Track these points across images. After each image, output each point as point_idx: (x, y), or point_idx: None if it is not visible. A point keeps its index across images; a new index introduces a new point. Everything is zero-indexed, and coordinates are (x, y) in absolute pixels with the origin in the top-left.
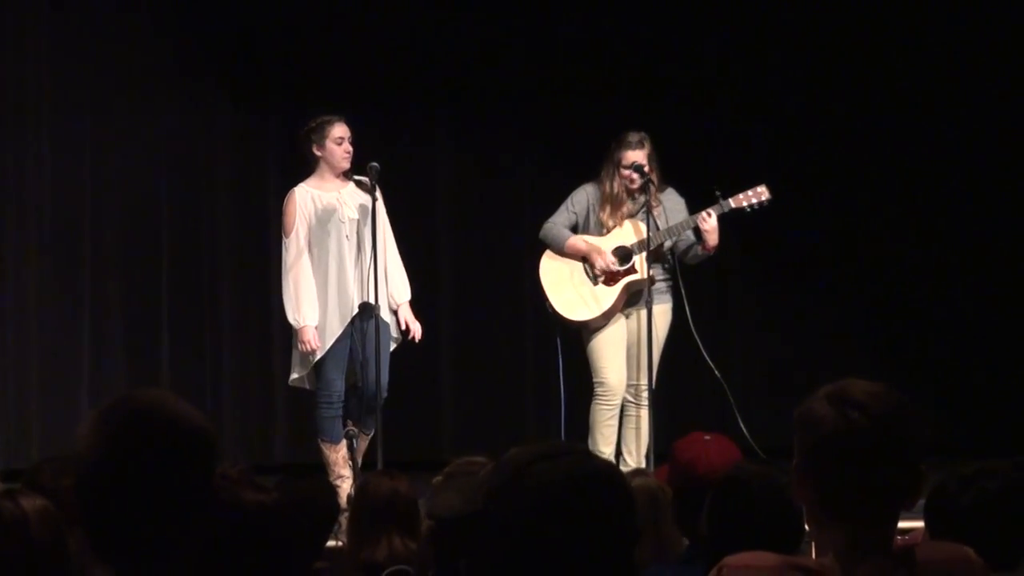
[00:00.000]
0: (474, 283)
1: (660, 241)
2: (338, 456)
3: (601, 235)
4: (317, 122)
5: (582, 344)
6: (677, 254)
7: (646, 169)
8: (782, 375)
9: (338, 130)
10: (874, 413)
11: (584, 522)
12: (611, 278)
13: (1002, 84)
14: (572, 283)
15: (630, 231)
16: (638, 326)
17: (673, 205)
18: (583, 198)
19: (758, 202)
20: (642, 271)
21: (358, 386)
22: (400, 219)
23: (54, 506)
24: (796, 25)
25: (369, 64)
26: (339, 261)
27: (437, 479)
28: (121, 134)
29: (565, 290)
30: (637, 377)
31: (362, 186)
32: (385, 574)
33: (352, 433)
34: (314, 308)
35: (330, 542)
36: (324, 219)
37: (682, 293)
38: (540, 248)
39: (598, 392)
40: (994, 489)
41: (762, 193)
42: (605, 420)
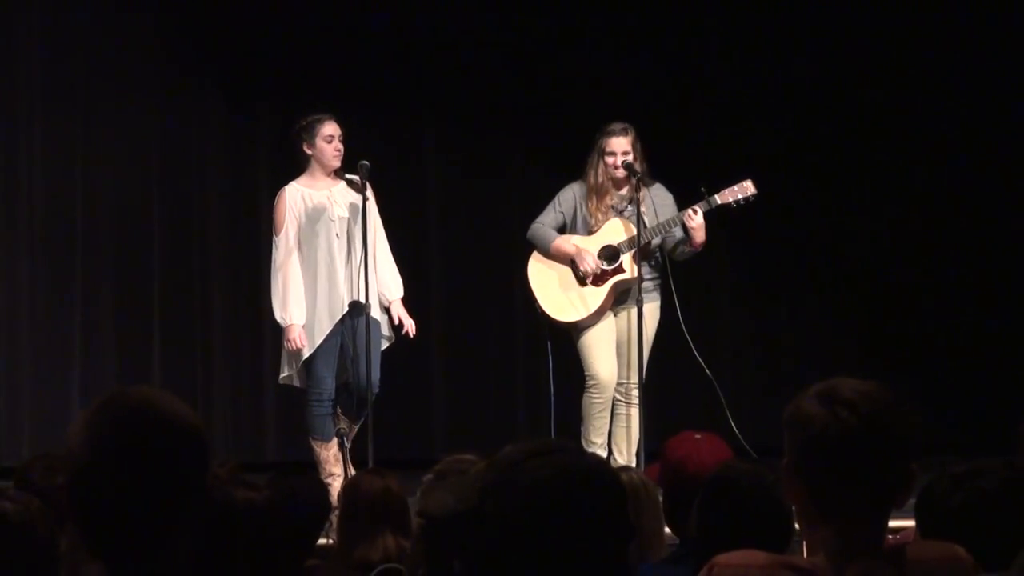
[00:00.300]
0: (464, 281)
1: (648, 239)
2: (329, 454)
3: (588, 234)
4: (307, 121)
5: (572, 343)
6: (665, 251)
7: (631, 158)
8: (773, 373)
9: (328, 128)
10: (864, 412)
11: (577, 519)
12: (599, 278)
13: (998, 78)
14: (560, 285)
15: (617, 230)
16: (629, 324)
17: (661, 201)
18: (570, 196)
19: (744, 197)
20: (630, 270)
21: (349, 383)
22: (390, 218)
23: (44, 504)
24: (782, 20)
25: (358, 64)
26: (328, 260)
27: (428, 477)
28: (112, 134)
29: (553, 292)
30: (627, 376)
31: (353, 185)
32: (375, 573)
33: (343, 431)
34: (301, 307)
35: (321, 540)
36: (314, 218)
37: (672, 291)
38: (528, 248)
39: (589, 385)
40: (985, 488)
41: (748, 188)
42: (596, 412)
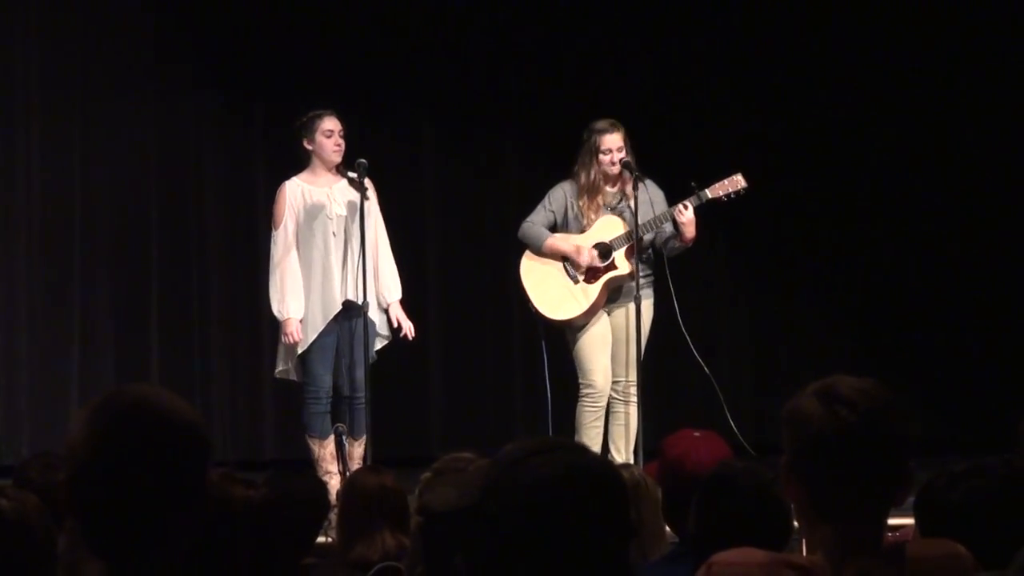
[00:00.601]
0: (461, 280)
1: (640, 234)
2: (325, 452)
3: (580, 232)
4: (307, 116)
5: (566, 342)
6: (657, 247)
7: (624, 154)
8: (771, 371)
9: (328, 123)
10: (863, 409)
11: (579, 517)
12: (592, 275)
13: (998, 77)
14: (553, 283)
15: (608, 226)
16: (626, 322)
17: (652, 197)
18: (560, 195)
19: (734, 191)
20: (623, 267)
21: (339, 385)
22: (387, 218)
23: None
24: (774, 13)
25: (356, 62)
26: (324, 257)
27: (426, 475)
28: (110, 133)
29: (547, 290)
30: (625, 374)
31: (355, 184)
32: (374, 571)
33: (341, 430)
34: (298, 301)
35: (320, 538)
36: (312, 214)
37: (671, 289)
38: (522, 247)
39: (584, 393)
40: (984, 486)
41: (738, 182)
42: (590, 422)
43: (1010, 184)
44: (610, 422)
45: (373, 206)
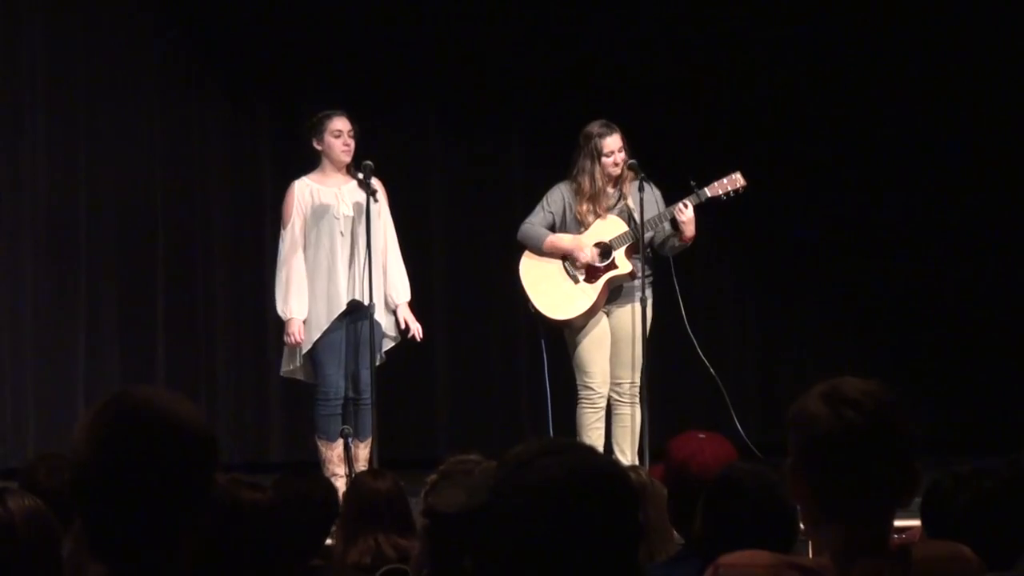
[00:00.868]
0: (468, 283)
1: (639, 235)
2: (333, 454)
3: (579, 232)
4: (317, 117)
5: (565, 342)
6: (655, 246)
7: (625, 154)
8: (776, 373)
9: (337, 123)
10: (868, 411)
11: (587, 518)
12: (592, 275)
13: (997, 75)
14: (553, 282)
15: (608, 226)
16: (632, 322)
17: (649, 197)
18: (559, 197)
19: (733, 190)
20: (623, 266)
21: (347, 389)
22: (393, 219)
23: (49, 505)
24: (773, 12)
25: (361, 63)
26: (330, 257)
27: (432, 477)
28: (116, 134)
29: (546, 289)
30: (628, 375)
31: (363, 185)
32: (379, 573)
33: (347, 432)
34: (302, 301)
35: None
36: (320, 214)
37: (676, 289)
38: (521, 249)
39: (583, 395)
40: (990, 487)
41: (737, 180)
42: (591, 423)
43: (1019, 185)
44: (614, 424)
45: (383, 208)
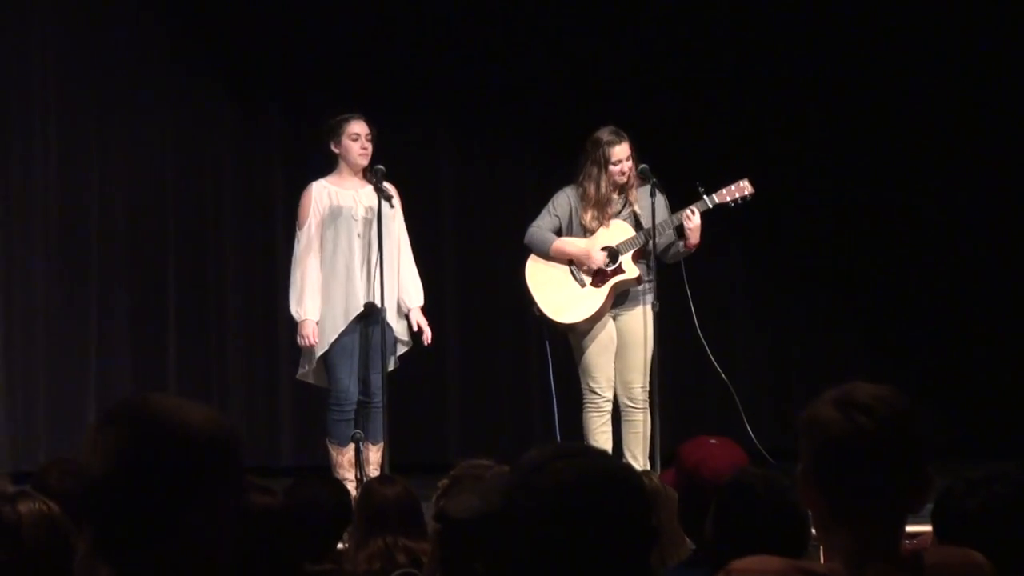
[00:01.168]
0: (479, 287)
1: (646, 240)
2: (344, 459)
3: (585, 237)
4: (335, 120)
5: (570, 346)
6: (657, 252)
7: (631, 162)
8: (788, 378)
9: (354, 127)
10: (880, 416)
11: (598, 522)
12: (599, 279)
13: (1003, 77)
14: (559, 286)
15: (615, 231)
16: (643, 325)
17: (657, 202)
18: (564, 201)
19: (741, 197)
20: (630, 271)
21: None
22: (405, 223)
23: (60, 508)
24: (782, 16)
25: (373, 66)
26: (348, 259)
27: (443, 482)
28: (126, 138)
29: (552, 293)
30: (637, 380)
31: (379, 190)
32: None
33: (358, 436)
34: (316, 303)
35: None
36: (337, 216)
37: (688, 294)
38: (528, 252)
39: (589, 399)
40: (1002, 493)
41: (745, 187)
42: (598, 428)
43: None
44: (625, 429)
45: (398, 212)
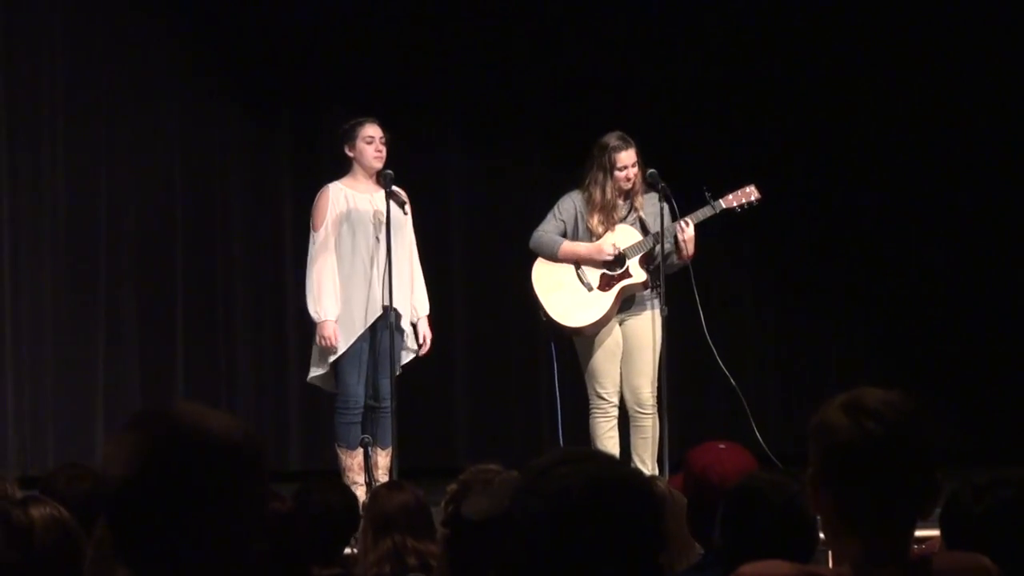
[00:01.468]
0: (487, 291)
1: (652, 245)
2: (353, 463)
3: (590, 242)
4: (349, 123)
5: (575, 350)
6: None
7: (636, 170)
8: (796, 383)
9: (369, 130)
10: (889, 421)
11: (603, 527)
12: (606, 283)
13: (1006, 80)
14: (566, 289)
15: (621, 235)
16: (651, 329)
17: (657, 210)
18: (570, 205)
19: (748, 202)
20: (637, 275)
21: (367, 397)
22: (414, 226)
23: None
24: (787, 23)
25: (381, 69)
26: (367, 262)
27: (452, 487)
28: (135, 141)
29: (559, 297)
30: (645, 385)
31: (394, 197)
32: None
33: (366, 440)
34: (335, 303)
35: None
36: (355, 219)
37: (696, 299)
38: (535, 257)
39: (596, 405)
40: (1010, 498)
41: (751, 193)
42: (605, 433)
43: None
44: (634, 434)
45: (409, 220)
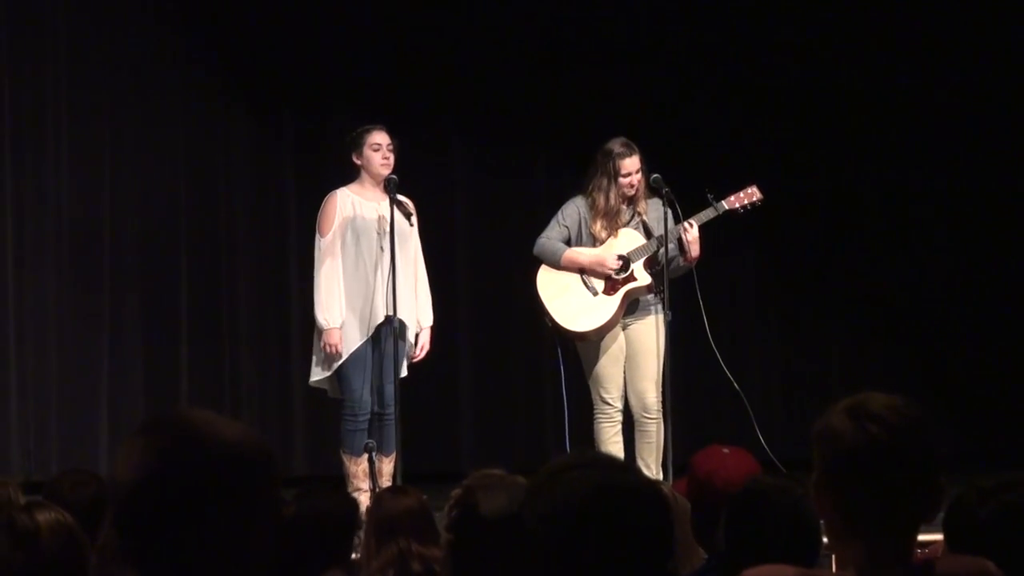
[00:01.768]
0: (491, 296)
1: (656, 248)
2: (358, 469)
3: (594, 247)
4: (357, 131)
5: (579, 355)
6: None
7: (640, 176)
8: (800, 388)
9: (376, 137)
10: (893, 426)
11: (613, 533)
12: (611, 288)
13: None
14: (571, 295)
15: (625, 240)
16: (655, 333)
17: (660, 215)
18: (574, 211)
19: (750, 203)
20: (642, 279)
21: (371, 404)
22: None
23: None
24: (789, 26)
25: (386, 74)
26: (369, 270)
27: (456, 492)
28: (138, 147)
29: (565, 302)
30: (650, 389)
31: (400, 207)
32: None
33: (371, 447)
34: (342, 310)
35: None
36: (361, 226)
37: (700, 303)
38: (539, 263)
39: (600, 410)
40: (1014, 502)
41: (753, 194)
42: (610, 437)
43: None
44: (639, 439)
45: (415, 231)
